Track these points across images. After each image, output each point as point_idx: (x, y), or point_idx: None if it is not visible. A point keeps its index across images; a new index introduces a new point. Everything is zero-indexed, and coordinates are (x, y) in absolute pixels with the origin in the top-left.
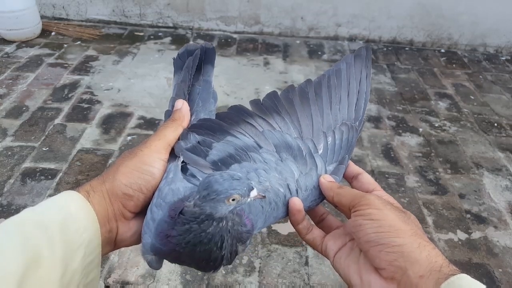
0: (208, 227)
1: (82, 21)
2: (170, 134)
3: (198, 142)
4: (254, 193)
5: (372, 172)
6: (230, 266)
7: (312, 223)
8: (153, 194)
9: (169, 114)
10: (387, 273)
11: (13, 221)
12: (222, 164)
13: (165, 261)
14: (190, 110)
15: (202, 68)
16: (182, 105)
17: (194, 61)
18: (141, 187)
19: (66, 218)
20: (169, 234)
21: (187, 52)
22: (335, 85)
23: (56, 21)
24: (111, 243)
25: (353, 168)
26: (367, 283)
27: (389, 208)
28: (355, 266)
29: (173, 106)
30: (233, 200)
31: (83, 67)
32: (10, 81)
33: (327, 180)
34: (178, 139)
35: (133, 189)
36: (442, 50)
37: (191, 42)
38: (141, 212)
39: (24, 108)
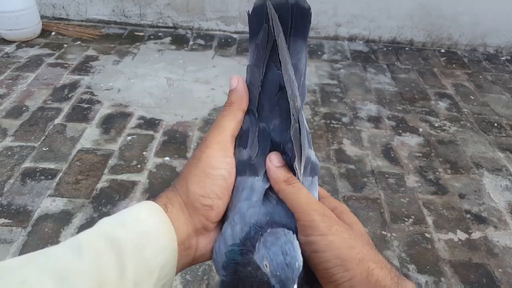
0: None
1: (82, 21)
2: (229, 124)
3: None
4: None
5: (372, 172)
6: None
7: None
8: (228, 195)
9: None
10: None
11: (87, 236)
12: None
13: None
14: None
15: (288, 43)
16: (237, 83)
17: (272, 33)
18: (217, 193)
19: (143, 237)
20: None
21: (267, 7)
22: None
23: (56, 21)
24: (188, 262)
25: None
26: None
27: (334, 231)
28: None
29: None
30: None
31: (83, 67)
32: (10, 81)
33: (274, 164)
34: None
35: (212, 198)
36: (442, 50)
37: None
38: (222, 220)
39: (24, 108)
